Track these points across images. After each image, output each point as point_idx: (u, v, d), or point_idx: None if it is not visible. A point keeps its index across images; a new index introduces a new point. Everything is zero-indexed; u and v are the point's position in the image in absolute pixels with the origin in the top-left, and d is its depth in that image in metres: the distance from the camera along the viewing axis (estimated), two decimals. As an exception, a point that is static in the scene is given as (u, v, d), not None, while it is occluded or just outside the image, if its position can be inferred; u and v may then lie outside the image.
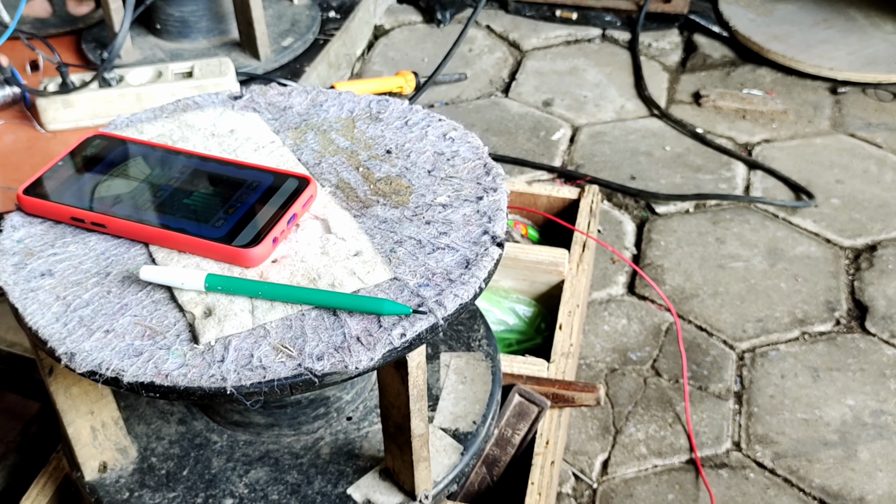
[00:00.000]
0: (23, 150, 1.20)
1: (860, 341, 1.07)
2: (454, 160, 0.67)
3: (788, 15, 1.73)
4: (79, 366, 0.52)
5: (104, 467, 0.67)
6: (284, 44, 1.43)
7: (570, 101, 1.53)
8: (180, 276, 0.55)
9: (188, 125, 0.72)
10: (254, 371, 0.51)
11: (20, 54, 1.34)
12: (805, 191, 1.30)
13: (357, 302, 0.53)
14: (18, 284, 0.57)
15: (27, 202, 0.63)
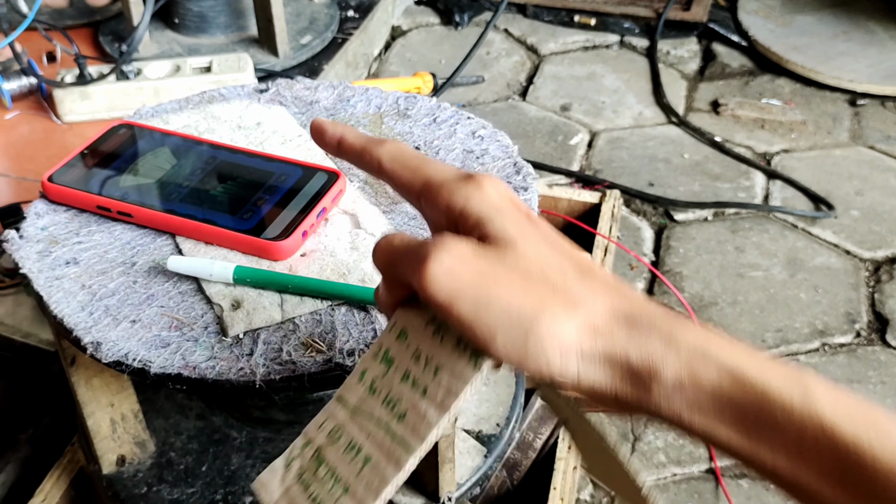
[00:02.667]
0: (38, 141, 1.19)
1: (881, 354, 1.05)
2: (483, 158, 0.66)
3: (808, 26, 1.72)
4: (105, 355, 0.51)
5: (122, 461, 0.66)
6: (303, 41, 1.42)
7: (587, 107, 1.53)
8: (208, 267, 0.55)
9: (214, 117, 0.71)
10: (283, 365, 0.50)
11: (37, 45, 1.33)
12: (825, 201, 1.29)
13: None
14: (43, 272, 0.56)
15: (52, 189, 0.62)
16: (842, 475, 0.30)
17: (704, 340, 0.32)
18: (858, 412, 0.30)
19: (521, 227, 0.36)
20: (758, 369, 0.31)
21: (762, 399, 0.31)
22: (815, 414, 0.30)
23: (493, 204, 0.36)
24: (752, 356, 0.32)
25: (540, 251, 0.35)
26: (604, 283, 0.35)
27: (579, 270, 0.35)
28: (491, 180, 0.38)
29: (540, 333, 0.33)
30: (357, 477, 0.39)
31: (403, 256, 0.37)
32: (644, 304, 0.34)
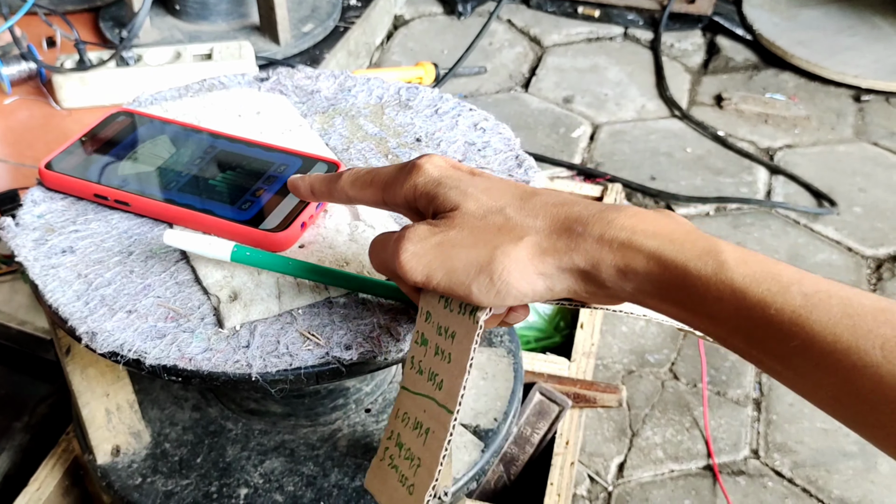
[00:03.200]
0: (37, 126, 1.18)
1: (881, 352, 1.05)
2: (485, 151, 0.66)
3: (813, 21, 1.71)
4: (100, 346, 0.50)
5: (117, 451, 0.65)
6: (304, 30, 1.41)
7: (590, 99, 1.52)
8: (206, 242, 0.53)
9: (213, 105, 0.70)
10: (280, 358, 0.49)
11: (37, 30, 1.32)
12: (827, 198, 1.28)
13: (387, 288, 0.52)
14: (39, 260, 0.56)
15: (49, 177, 0.61)
16: (752, 331, 0.34)
17: (631, 233, 0.37)
18: (764, 273, 0.34)
19: (461, 188, 0.41)
20: (677, 251, 0.35)
21: (684, 277, 0.35)
22: (727, 281, 0.34)
23: (433, 179, 0.42)
24: (672, 238, 0.36)
25: (480, 202, 0.40)
26: (542, 202, 0.40)
27: (519, 200, 0.40)
28: (428, 158, 0.43)
29: (500, 272, 0.38)
30: (423, 447, 0.45)
31: (383, 254, 0.44)
32: (578, 208, 0.39)
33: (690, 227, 0.37)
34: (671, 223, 0.37)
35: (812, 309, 0.33)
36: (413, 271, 0.41)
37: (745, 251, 0.35)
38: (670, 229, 0.37)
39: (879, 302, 0.32)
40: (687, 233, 0.36)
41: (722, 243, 0.35)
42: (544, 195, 0.40)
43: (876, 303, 0.32)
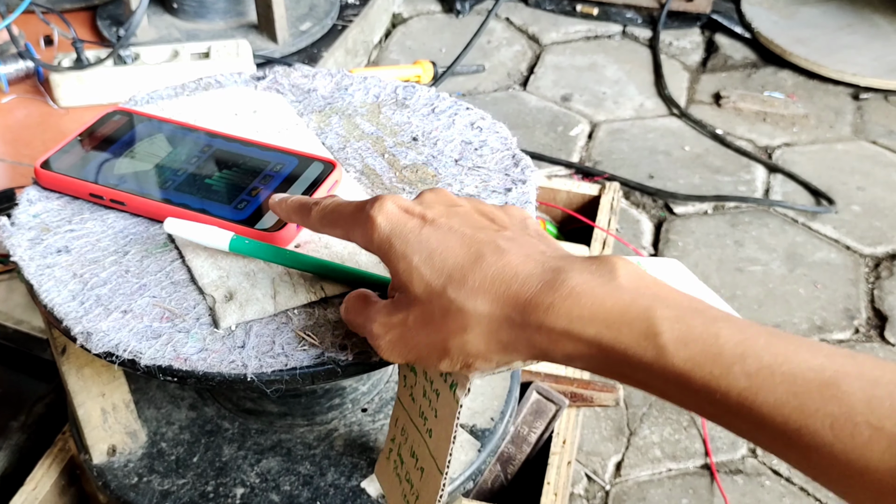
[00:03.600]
0: (34, 125, 1.18)
1: (879, 350, 1.05)
2: (482, 150, 0.66)
3: (812, 19, 1.71)
4: (95, 346, 0.50)
5: (113, 451, 0.65)
6: (302, 28, 1.41)
7: (588, 97, 1.52)
8: (205, 232, 0.53)
9: (210, 104, 0.70)
10: (275, 358, 0.49)
11: (34, 28, 1.32)
12: (825, 196, 1.28)
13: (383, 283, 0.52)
14: (34, 260, 0.56)
15: (44, 176, 0.61)
16: (704, 410, 0.34)
17: (568, 321, 0.36)
18: (704, 355, 0.33)
19: (407, 255, 0.41)
20: (615, 338, 0.35)
21: (627, 363, 0.35)
22: (669, 367, 0.34)
23: (384, 237, 0.42)
24: (608, 323, 0.36)
25: (424, 280, 0.41)
26: (482, 277, 0.39)
27: (461, 272, 0.40)
28: (380, 207, 0.43)
29: (457, 356, 0.40)
30: (420, 482, 0.47)
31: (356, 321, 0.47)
32: (516, 286, 0.38)
33: (629, 298, 0.36)
34: (608, 299, 0.36)
35: (757, 391, 0.32)
36: (387, 355, 0.44)
37: (685, 324, 0.34)
38: (606, 309, 0.36)
39: (824, 373, 0.32)
40: (623, 312, 0.35)
41: (659, 320, 0.35)
42: (488, 259, 0.39)
43: (820, 374, 0.32)
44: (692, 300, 0.36)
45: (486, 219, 0.44)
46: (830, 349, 0.33)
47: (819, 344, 0.33)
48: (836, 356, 0.32)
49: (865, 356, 0.32)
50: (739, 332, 0.34)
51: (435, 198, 0.45)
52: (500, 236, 0.41)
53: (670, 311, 0.35)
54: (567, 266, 0.38)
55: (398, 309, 0.42)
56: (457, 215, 0.43)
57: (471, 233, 0.41)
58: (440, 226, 0.42)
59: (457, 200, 0.45)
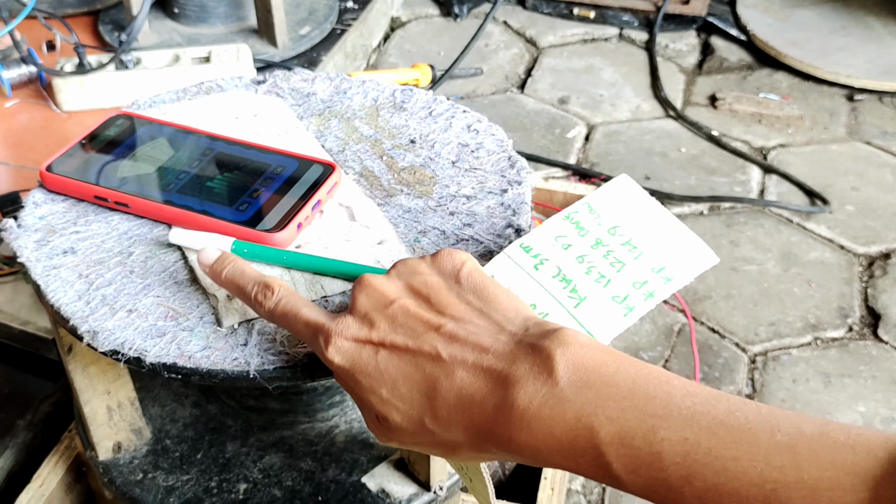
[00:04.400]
0: (38, 129, 1.20)
1: (872, 348, 1.06)
2: (478, 152, 0.67)
3: (806, 21, 1.72)
4: (101, 344, 0.51)
5: (118, 447, 0.66)
6: (302, 32, 1.43)
7: (585, 100, 1.53)
8: (208, 238, 0.55)
9: (211, 107, 0.71)
10: (277, 355, 0.51)
11: (37, 34, 1.33)
12: (820, 196, 1.30)
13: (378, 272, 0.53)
14: (41, 261, 0.57)
15: (50, 179, 0.62)
16: None
17: (530, 452, 0.38)
18: (654, 481, 0.35)
19: (375, 391, 0.43)
20: (572, 466, 0.37)
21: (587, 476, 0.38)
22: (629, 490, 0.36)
23: (347, 372, 0.43)
24: (560, 448, 0.37)
25: (401, 412, 0.42)
26: (447, 408, 0.41)
27: (429, 403, 0.41)
28: (333, 344, 0.44)
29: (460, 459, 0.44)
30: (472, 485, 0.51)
31: None
32: (476, 416, 0.40)
33: (573, 417, 0.37)
34: (556, 425, 0.37)
35: None
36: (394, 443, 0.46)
37: (628, 446, 0.35)
38: (557, 438, 0.37)
39: (765, 486, 0.32)
40: (572, 441, 0.37)
41: (605, 446, 0.36)
42: (443, 386, 0.41)
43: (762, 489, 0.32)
44: (632, 389, 0.37)
45: (424, 306, 0.44)
46: (769, 442, 0.33)
47: (757, 436, 0.33)
48: (776, 455, 0.33)
49: (808, 443, 0.33)
50: (681, 442, 0.34)
51: (369, 303, 0.45)
52: (444, 341, 0.42)
53: (612, 426, 0.36)
54: (511, 375, 0.39)
55: (386, 428, 0.43)
56: (397, 323, 0.43)
57: (417, 347, 0.42)
58: (390, 346, 0.43)
59: (390, 295, 0.45)
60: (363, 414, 0.45)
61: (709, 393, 0.36)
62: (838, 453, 0.32)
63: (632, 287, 0.49)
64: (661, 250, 0.51)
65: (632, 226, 0.52)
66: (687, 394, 0.36)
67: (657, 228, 0.52)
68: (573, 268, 0.50)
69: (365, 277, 0.46)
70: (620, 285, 0.49)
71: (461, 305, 0.44)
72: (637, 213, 0.53)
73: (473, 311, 0.43)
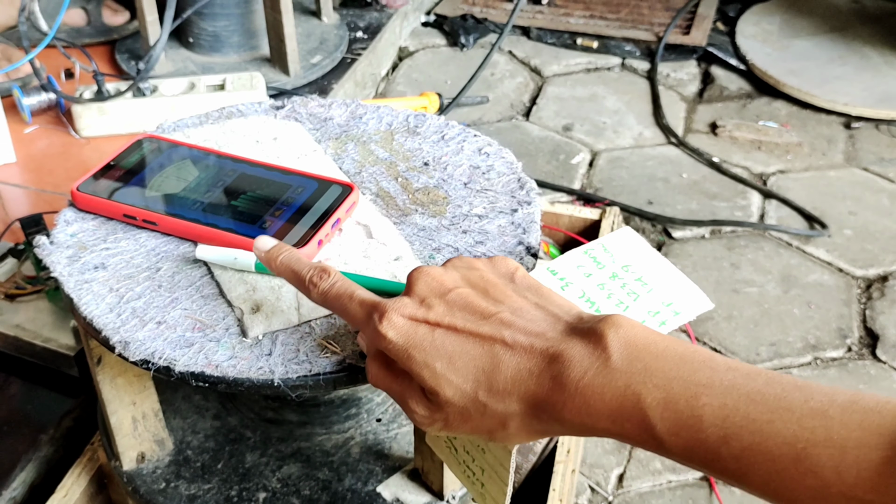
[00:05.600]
0: (57, 154, 1.23)
1: (871, 368, 1.09)
2: (489, 174, 0.70)
3: (804, 51, 1.76)
4: (132, 354, 0.54)
5: (142, 458, 0.69)
6: (313, 61, 1.46)
7: (589, 127, 1.57)
8: (233, 254, 0.58)
9: (233, 131, 0.75)
10: (300, 365, 0.53)
11: (55, 62, 1.37)
12: (818, 221, 1.33)
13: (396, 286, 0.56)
14: (73, 276, 0.60)
15: (80, 199, 0.65)
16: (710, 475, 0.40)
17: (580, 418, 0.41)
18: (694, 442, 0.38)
19: (430, 364, 0.44)
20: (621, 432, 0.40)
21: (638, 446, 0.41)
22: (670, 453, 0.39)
23: (401, 349, 0.44)
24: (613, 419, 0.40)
25: (454, 386, 0.43)
26: (504, 380, 0.42)
27: (486, 377, 0.43)
28: (388, 321, 0.45)
29: (503, 439, 0.45)
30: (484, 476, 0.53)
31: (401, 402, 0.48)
32: (534, 386, 0.42)
33: (623, 385, 0.40)
34: (607, 391, 0.40)
35: (745, 472, 0.36)
36: (435, 434, 0.49)
37: (672, 410, 0.38)
38: (607, 404, 0.40)
39: (797, 445, 0.35)
40: (620, 406, 0.39)
41: (650, 409, 0.39)
42: (504, 361, 0.43)
43: (794, 448, 0.35)
44: (679, 363, 0.40)
45: (482, 296, 0.46)
46: (803, 407, 0.36)
47: (791, 402, 0.36)
48: (808, 418, 0.36)
49: (839, 408, 0.35)
50: (720, 407, 0.37)
51: (427, 289, 0.46)
52: (504, 326, 0.44)
53: (658, 393, 0.39)
54: (567, 352, 0.42)
55: (434, 406, 0.44)
56: (454, 310, 0.45)
57: (477, 329, 0.44)
58: (448, 327, 0.44)
59: (448, 283, 0.46)
60: (406, 398, 0.46)
61: (749, 368, 0.39)
62: (866, 416, 0.35)
63: (647, 314, 0.55)
64: (667, 288, 0.58)
65: (640, 266, 0.59)
66: (729, 368, 0.39)
67: (661, 272, 0.59)
68: (596, 293, 0.56)
69: (422, 267, 0.48)
70: (637, 312, 0.55)
71: (518, 298, 0.46)
72: (642, 257, 0.60)
73: (530, 304, 0.46)
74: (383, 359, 0.48)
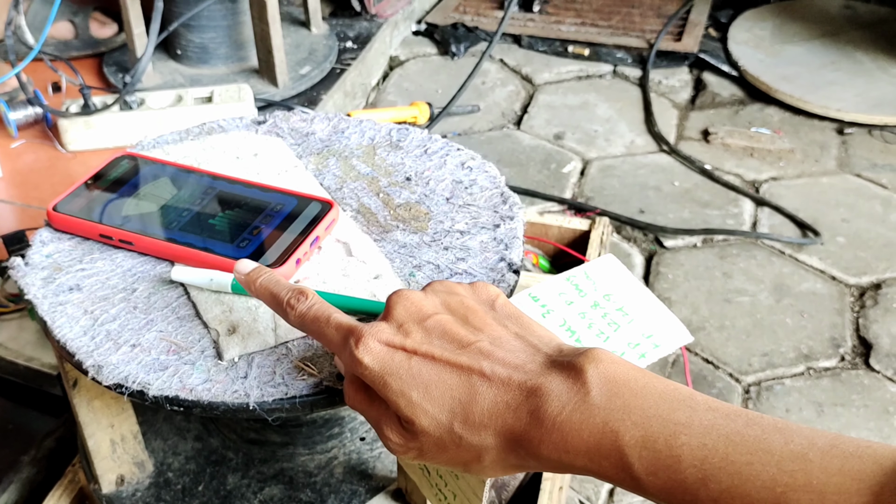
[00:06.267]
0: (43, 169, 1.22)
1: (864, 378, 1.08)
2: (472, 188, 0.69)
3: (797, 56, 1.76)
4: (105, 378, 0.53)
5: (122, 480, 0.68)
6: (302, 72, 1.46)
7: (580, 135, 1.56)
8: (209, 275, 0.57)
9: (213, 147, 0.74)
10: (276, 388, 0.52)
11: (42, 76, 1.37)
12: (811, 228, 1.32)
13: (375, 306, 0.55)
14: (47, 298, 0.59)
15: (56, 218, 0.64)
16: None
17: (557, 455, 0.40)
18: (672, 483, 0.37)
19: (405, 392, 0.43)
20: (599, 469, 0.39)
21: (615, 484, 0.40)
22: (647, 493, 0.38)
23: (376, 375, 0.44)
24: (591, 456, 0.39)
25: (429, 416, 0.42)
26: (480, 412, 0.42)
27: (462, 408, 0.42)
28: (364, 346, 0.44)
29: (479, 472, 0.44)
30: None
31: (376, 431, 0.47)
32: (511, 420, 0.41)
33: (601, 422, 0.39)
34: (585, 429, 0.39)
35: None
36: (409, 462, 0.47)
37: (650, 450, 0.38)
38: (584, 441, 0.39)
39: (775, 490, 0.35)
40: (598, 444, 0.39)
41: (628, 448, 0.38)
42: (481, 392, 0.42)
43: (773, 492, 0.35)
44: (658, 401, 0.39)
45: (461, 324, 0.45)
46: (783, 451, 0.35)
47: (771, 445, 0.36)
48: (788, 462, 0.35)
49: (818, 452, 0.35)
50: (699, 447, 0.37)
51: (406, 314, 0.45)
52: (482, 356, 0.43)
53: (637, 431, 0.38)
54: (546, 386, 0.41)
55: (411, 435, 0.44)
56: (432, 337, 0.44)
57: (455, 359, 0.43)
58: (425, 355, 0.43)
59: (427, 309, 0.46)
60: (381, 423, 0.45)
61: (729, 408, 0.38)
62: (846, 461, 0.34)
63: (627, 346, 0.56)
64: (648, 320, 0.58)
65: (622, 296, 0.59)
66: (709, 408, 0.38)
67: (643, 302, 0.59)
68: (576, 321, 0.57)
69: (402, 291, 0.47)
70: (617, 343, 0.55)
71: (498, 327, 0.45)
72: (624, 286, 0.60)
73: (510, 333, 0.45)
74: (360, 383, 0.47)
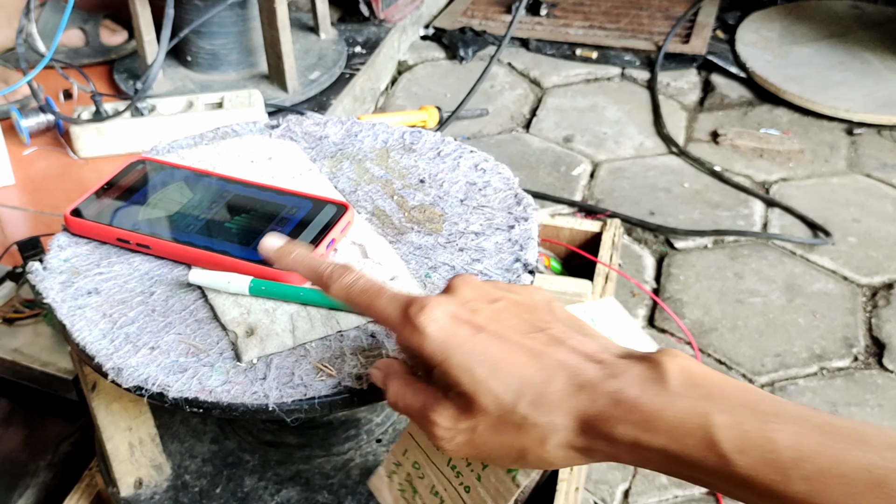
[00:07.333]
0: (55, 175, 1.23)
1: (878, 377, 1.07)
2: (486, 190, 0.69)
3: (805, 57, 1.75)
4: (125, 381, 0.53)
5: (140, 483, 0.68)
6: (312, 77, 1.46)
7: (589, 138, 1.56)
8: (226, 278, 0.58)
9: (227, 152, 0.74)
10: (295, 389, 0.53)
11: (54, 83, 1.37)
12: (822, 229, 1.32)
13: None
14: (66, 302, 0.59)
15: (74, 223, 0.65)
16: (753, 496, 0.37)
17: (637, 432, 0.39)
18: (763, 461, 0.36)
19: (468, 366, 0.41)
20: (681, 447, 0.38)
21: (694, 469, 0.38)
22: (732, 474, 0.37)
23: (438, 347, 0.42)
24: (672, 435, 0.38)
25: (493, 394, 0.41)
26: (554, 393, 0.40)
27: (532, 390, 0.41)
28: (428, 315, 0.42)
29: (534, 462, 0.42)
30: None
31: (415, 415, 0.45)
32: (585, 402, 0.40)
33: (685, 406, 0.38)
34: (667, 409, 0.38)
35: (816, 494, 0.35)
36: (452, 454, 0.44)
37: (741, 430, 0.37)
38: (667, 421, 0.38)
39: (875, 471, 0.34)
40: (683, 422, 0.38)
41: (717, 427, 0.37)
42: (557, 376, 0.41)
43: (872, 474, 0.34)
44: (743, 393, 0.38)
45: (526, 314, 0.44)
46: (878, 440, 0.35)
47: (866, 435, 0.35)
48: (885, 450, 0.35)
49: None
50: (793, 433, 0.36)
51: (473, 294, 0.44)
52: (555, 341, 0.42)
53: (725, 415, 0.37)
54: (622, 373, 0.40)
55: (464, 415, 0.42)
56: (501, 317, 0.43)
57: (526, 341, 0.42)
58: (493, 334, 0.42)
59: (493, 294, 0.45)
60: (429, 409, 0.43)
61: (813, 409, 0.38)
62: None
63: None
64: None
65: (620, 338, 0.60)
66: (794, 404, 0.38)
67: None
68: None
69: (465, 275, 0.46)
70: None
71: (562, 326, 0.44)
72: (623, 329, 0.62)
73: (574, 331, 0.44)
74: (404, 370, 0.46)
